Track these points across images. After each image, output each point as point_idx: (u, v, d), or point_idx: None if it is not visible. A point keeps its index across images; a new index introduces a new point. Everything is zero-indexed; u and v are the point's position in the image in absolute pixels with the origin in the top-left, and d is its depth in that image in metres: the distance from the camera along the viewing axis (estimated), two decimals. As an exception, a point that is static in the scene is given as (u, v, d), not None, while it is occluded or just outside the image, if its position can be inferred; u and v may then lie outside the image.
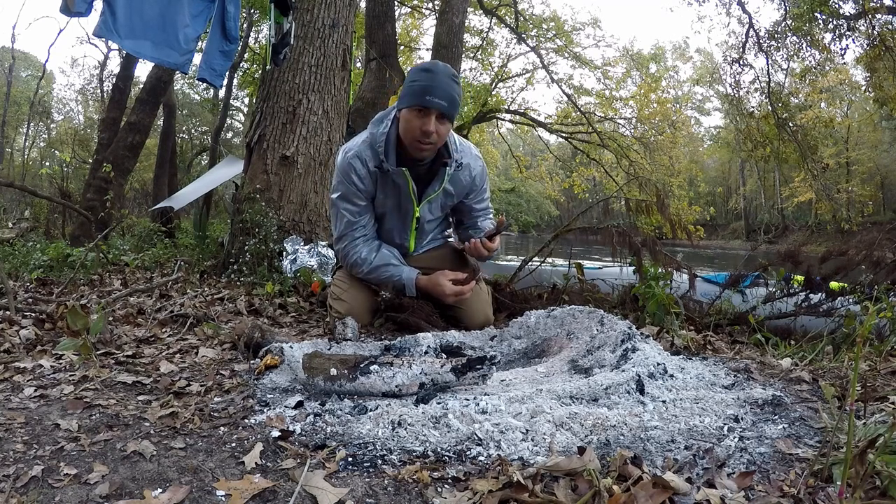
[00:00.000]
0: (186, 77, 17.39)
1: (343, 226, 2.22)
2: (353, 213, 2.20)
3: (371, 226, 2.26)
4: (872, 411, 1.22)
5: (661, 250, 2.64)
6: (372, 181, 2.15)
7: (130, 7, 3.07)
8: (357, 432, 1.11)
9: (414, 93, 1.96)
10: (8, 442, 1.03)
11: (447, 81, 1.96)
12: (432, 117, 1.95)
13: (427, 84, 1.95)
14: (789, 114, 11.70)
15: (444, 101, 1.95)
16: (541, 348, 1.89)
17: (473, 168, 2.24)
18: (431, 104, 1.94)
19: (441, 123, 1.99)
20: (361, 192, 2.16)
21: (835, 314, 2.33)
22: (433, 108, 1.94)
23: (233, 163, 9.50)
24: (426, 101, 1.94)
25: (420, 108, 1.96)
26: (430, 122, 1.95)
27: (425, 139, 1.99)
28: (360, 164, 2.12)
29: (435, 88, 1.94)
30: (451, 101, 1.97)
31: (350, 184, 2.15)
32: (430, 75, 1.97)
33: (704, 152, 31.03)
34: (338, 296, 2.26)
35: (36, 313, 2.06)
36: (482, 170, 2.30)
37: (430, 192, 2.19)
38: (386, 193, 2.18)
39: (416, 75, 2.01)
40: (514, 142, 24.23)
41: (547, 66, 14.46)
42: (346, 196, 2.17)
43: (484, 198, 2.36)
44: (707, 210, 18.93)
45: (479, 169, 2.27)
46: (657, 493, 0.83)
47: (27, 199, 10.82)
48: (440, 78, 1.96)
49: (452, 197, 2.27)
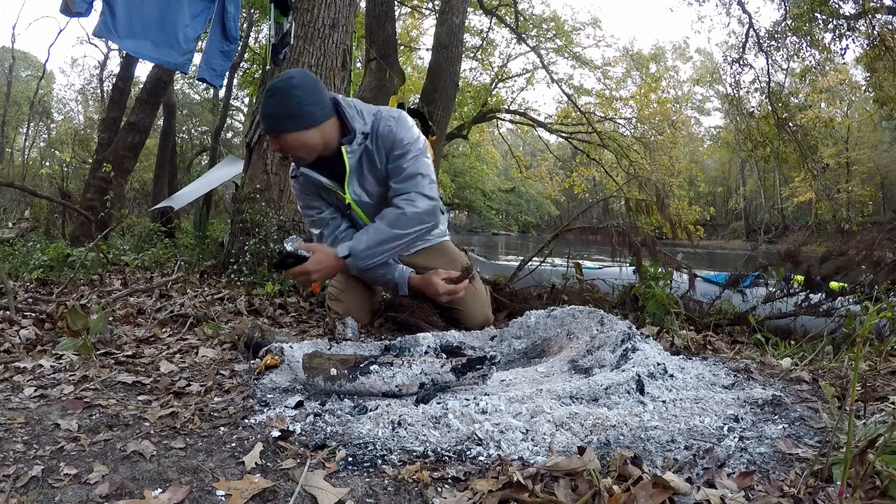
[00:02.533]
0: (186, 77, 17.40)
1: (320, 227, 2.26)
2: (314, 211, 2.26)
3: (339, 215, 2.27)
4: (872, 411, 1.22)
5: (660, 250, 2.63)
6: (306, 183, 2.20)
7: (130, 7, 3.07)
8: (357, 432, 1.11)
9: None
10: (8, 442, 1.03)
11: (263, 102, 1.99)
12: (274, 139, 2.00)
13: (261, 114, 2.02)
14: (789, 114, 11.70)
15: (267, 123, 1.99)
16: (541, 348, 1.89)
17: (385, 127, 2.03)
18: (266, 131, 2.05)
19: (285, 139, 1.97)
20: (309, 195, 2.23)
21: (835, 314, 2.32)
22: (267, 133, 2.06)
23: (233, 163, 9.49)
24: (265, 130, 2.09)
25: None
26: (272, 143, 2.03)
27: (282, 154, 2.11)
28: (291, 171, 2.25)
29: (263, 116, 2.00)
30: (274, 119, 1.95)
31: (298, 191, 2.26)
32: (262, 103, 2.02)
33: (704, 152, 31.03)
34: (336, 296, 2.26)
35: (36, 313, 2.06)
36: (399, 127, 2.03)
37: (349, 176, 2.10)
38: (322, 190, 2.21)
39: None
40: (514, 142, 24.22)
41: (547, 66, 14.47)
42: (302, 201, 2.27)
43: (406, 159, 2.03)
44: (707, 210, 18.91)
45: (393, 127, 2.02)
46: (657, 493, 0.83)
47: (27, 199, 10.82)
48: (265, 101, 1.97)
49: (378, 170, 2.09)
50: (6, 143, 21.39)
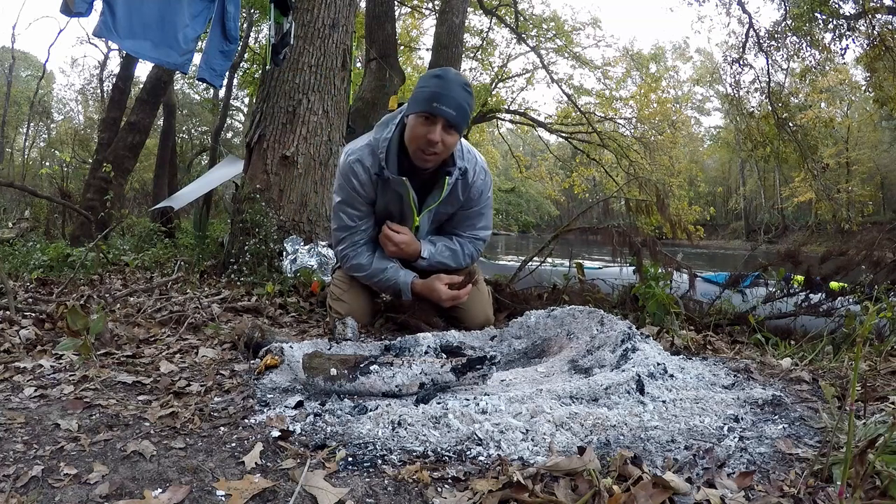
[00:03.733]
0: (186, 77, 17.39)
1: (343, 230, 2.18)
2: (354, 217, 2.15)
3: (371, 230, 2.21)
4: (872, 411, 1.22)
5: (660, 250, 2.63)
6: (372, 186, 2.08)
7: (130, 7, 3.07)
8: (357, 432, 1.11)
9: (422, 99, 1.88)
10: (8, 442, 1.03)
11: (458, 90, 1.87)
12: (438, 126, 1.87)
13: (436, 91, 1.86)
14: (789, 114, 11.70)
15: (451, 110, 1.85)
16: (541, 348, 1.89)
17: (478, 179, 2.13)
18: (438, 112, 1.85)
19: (448, 133, 1.89)
20: (362, 198, 2.11)
21: (835, 314, 2.33)
22: (440, 116, 1.85)
23: (233, 163, 9.50)
24: (433, 109, 1.84)
25: (427, 115, 1.87)
26: (435, 131, 1.87)
27: (429, 148, 1.91)
28: (361, 169, 2.06)
29: (444, 96, 1.85)
30: (460, 111, 1.87)
31: (351, 188, 2.09)
32: (441, 82, 1.87)
33: (704, 152, 31.01)
34: (337, 296, 2.26)
35: (36, 313, 2.06)
36: (485, 184, 2.17)
37: (431, 201, 2.10)
38: (386, 200, 2.12)
39: (426, 81, 1.93)
40: (514, 142, 24.22)
41: (547, 66, 14.48)
42: (348, 200, 2.12)
43: (479, 213, 2.22)
44: (707, 210, 18.92)
45: (482, 182, 2.15)
46: (657, 493, 0.83)
47: (27, 199, 10.82)
48: (451, 85, 1.86)
49: (452, 206, 2.17)
50: (6, 143, 21.39)
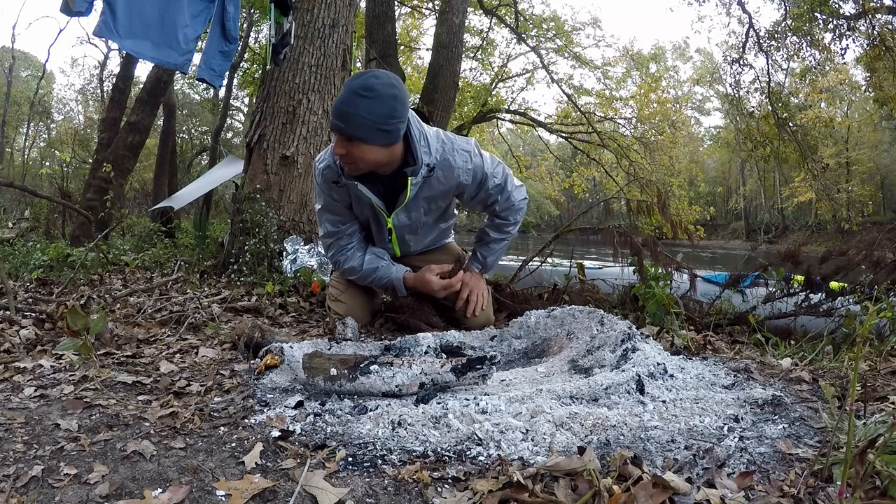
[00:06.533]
0: (186, 77, 17.38)
1: (330, 236, 2.20)
2: (337, 222, 2.17)
3: (357, 231, 2.21)
4: (872, 411, 1.22)
5: (661, 251, 2.64)
6: (344, 190, 2.08)
7: (130, 7, 3.07)
8: (357, 432, 1.11)
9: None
10: (8, 442, 1.03)
11: (351, 99, 1.76)
12: (343, 141, 1.83)
13: (335, 103, 1.81)
14: (789, 114, 11.70)
15: (339, 122, 1.78)
16: (541, 348, 1.89)
17: (458, 167, 2.03)
18: (332, 126, 1.83)
19: (352, 145, 1.82)
20: (338, 202, 2.11)
21: (835, 314, 2.33)
22: (333, 130, 1.84)
23: (233, 163, 9.50)
24: (331, 124, 1.83)
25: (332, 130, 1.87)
26: (338, 145, 1.84)
27: (341, 161, 1.90)
28: (331, 174, 2.04)
29: (336, 109, 1.79)
30: (348, 120, 1.77)
31: (327, 195, 2.10)
32: (341, 93, 1.81)
33: (704, 152, 31.03)
34: (336, 297, 2.26)
35: (36, 313, 2.06)
36: (472, 168, 2.06)
37: (400, 201, 2.04)
38: (359, 204, 2.12)
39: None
40: (514, 142, 24.20)
41: (547, 66, 14.45)
42: (328, 206, 2.14)
43: (498, 188, 2.14)
44: (707, 210, 18.88)
45: (465, 168, 2.04)
46: (657, 493, 0.83)
47: (27, 199, 10.83)
48: (345, 96, 1.78)
49: (435, 199, 2.11)
50: (6, 143, 21.39)
